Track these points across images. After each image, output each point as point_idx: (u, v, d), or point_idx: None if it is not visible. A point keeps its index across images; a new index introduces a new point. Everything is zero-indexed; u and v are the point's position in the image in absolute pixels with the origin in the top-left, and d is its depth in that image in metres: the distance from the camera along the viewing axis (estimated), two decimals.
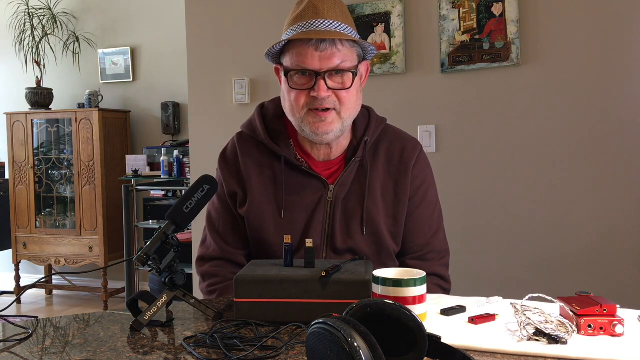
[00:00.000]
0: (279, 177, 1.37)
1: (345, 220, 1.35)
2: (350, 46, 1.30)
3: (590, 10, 2.34)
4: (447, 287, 1.45)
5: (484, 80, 2.50)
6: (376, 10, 2.64)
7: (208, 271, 1.43)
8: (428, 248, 1.41)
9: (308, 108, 1.30)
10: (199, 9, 3.01)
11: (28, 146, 5.01)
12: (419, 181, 1.41)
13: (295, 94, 1.30)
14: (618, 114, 2.32)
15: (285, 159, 1.36)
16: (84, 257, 4.83)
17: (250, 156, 1.40)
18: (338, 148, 1.39)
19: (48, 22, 5.08)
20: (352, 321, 0.72)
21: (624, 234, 2.32)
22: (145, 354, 0.93)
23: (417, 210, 1.40)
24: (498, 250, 2.50)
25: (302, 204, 1.35)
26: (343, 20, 1.30)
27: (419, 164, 1.42)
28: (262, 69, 2.85)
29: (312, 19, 1.27)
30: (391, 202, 1.37)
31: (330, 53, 1.26)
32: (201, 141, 3.03)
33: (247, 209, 1.37)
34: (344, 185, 1.36)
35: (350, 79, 1.29)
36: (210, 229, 1.46)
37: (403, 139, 1.44)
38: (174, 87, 4.87)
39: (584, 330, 0.94)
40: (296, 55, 1.27)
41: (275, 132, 1.40)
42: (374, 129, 1.41)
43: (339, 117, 1.30)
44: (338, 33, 1.27)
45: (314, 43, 1.25)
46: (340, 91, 1.29)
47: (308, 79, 1.28)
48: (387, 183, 1.38)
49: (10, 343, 1.00)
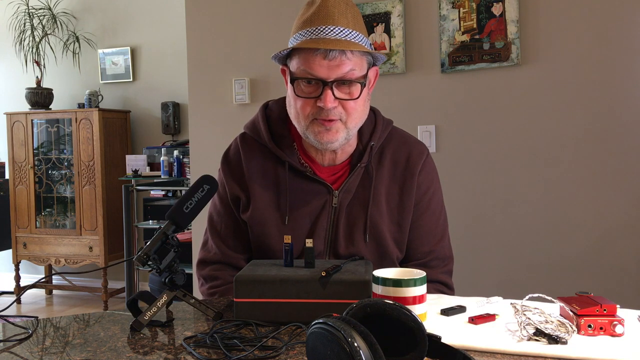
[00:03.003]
0: (282, 183, 1.35)
1: (349, 227, 1.34)
2: (361, 54, 1.25)
3: (590, 10, 2.34)
4: (450, 294, 1.42)
5: (484, 80, 2.50)
6: (376, 10, 2.64)
7: (209, 274, 1.42)
8: (432, 255, 1.40)
9: (313, 117, 1.26)
10: (199, 9, 3.01)
11: (28, 146, 5.01)
12: (424, 187, 1.39)
13: (302, 102, 1.26)
14: (618, 114, 2.32)
15: (290, 164, 1.34)
16: (84, 257, 4.83)
17: (254, 160, 1.38)
18: (343, 153, 1.36)
19: (48, 22, 5.08)
20: (352, 321, 0.72)
21: (624, 234, 2.32)
22: (145, 354, 0.93)
23: (422, 217, 1.38)
24: (498, 250, 2.50)
25: (306, 210, 1.33)
26: (354, 27, 1.25)
27: (424, 170, 1.39)
28: (262, 69, 2.85)
29: (322, 25, 1.23)
30: (396, 209, 1.35)
31: (339, 62, 1.21)
32: (201, 141, 3.03)
33: (250, 215, 1.35)
34: (349, 191, 1.34)
35: (358, 90, 1.25)
36: (211, 232, 1.44)
37: (409, 144, 1.41)
38: (174, 87, 4.87)
39: (584, 330, 0.94)
40: (303, 62, 1.23)
41: (279, 136, 1.38)
42: (380, 133, 1.38)
43: (345, 126, 1.27)
44: (348, 42, 1.23)
45: (322, 51, 1.21)
46: (347, 101, 1.25)
47: (315, 87, 1.24)
48: (392, 189, 1.36)
49: (10, 343, 1.00)
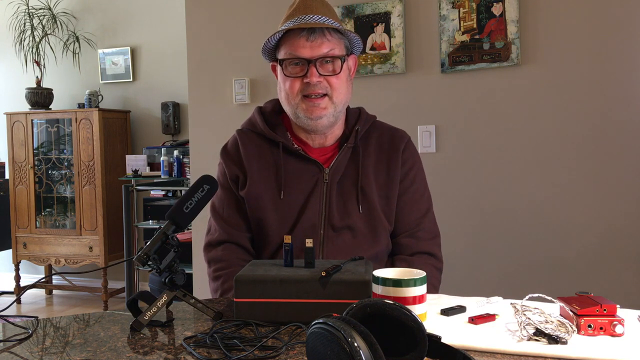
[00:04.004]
0: (277, 162, 1.45)
1: (342, 200, 1.44)
2: (339, 38, 1.41)
3: (590, 11, 2.34)
4: (439, 265, 1.51)
5: (484, 80, 2.50)
6: (376, 10, 2.64)
7: (214, 256, 1.48)
8: (419, 227, 1.49)
9: (302, 95, 1.40)
10: (199, 9, 3.01)
11: (28, 146, 5.01)
12: (409, 164, 1.50)
13: (290, 81, 1.41)
14: (618, 114, 2.32)
15: (283, 145, 1.45)
16: (84, 257, 4.82)
17: (250, 145, 1.49)
18: (332, 136, 1.49)
19: (48, 22, 5.08)
20: (352, 321, 0.72)
21: (624, 234, 2.32)
22: (145, 354, 0.93)
23: (407, 191, 1.49)
24: (498, 250, 2.50)
25: (300, 186, 1.44)
26: (330, 16, 1.41)
27: (408, 150, 1.51)
28: (262, 69, 2.85)
29: (302, 15, 1.39)
30: (383, 183, 1.46)
31: (320, 42, 1.38)
32: (201, 141, 3.03)
33: (247, 190, 1.45)
34: (339, 169, 1.45)
35: (339, 65, 1.40)
36: (214, 217, 1.52)
37: (392, 129, 1.55)
38: (174, 87, 4.87)
39: (584, 330, 0.94)
40: (289, 46, 1.39)
41: (272, 124, 1.50)
42: (365, 120, 1.51)
43: (332, 102, 1.40)
44: (327, 24, 1.38)
45: (305, 34, 1.37)
46: (330, 77, 1.40)
47: (301, 67, 1.40)
48: (378, 166, 1.47)
49: (10, 343, 1.00)
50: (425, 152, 2.55)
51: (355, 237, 1.42)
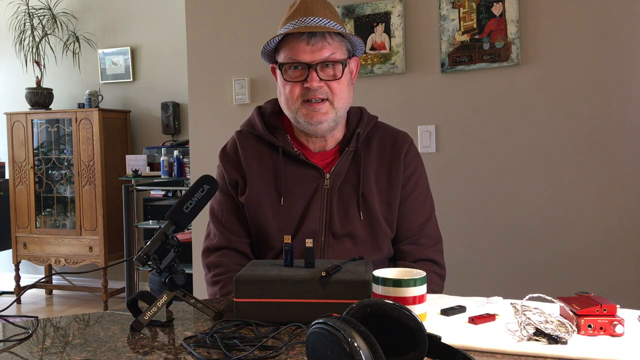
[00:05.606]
0: (277, 167, 1.43)
1: (343, 206, 1.41)
2: (340, 40, 1.38)
3: (590, 10, 2.34)
4: (442, 272, 1.48)
5: (484, 80, 2.50)
6: (376, 10, 2.64)
7: (213, 262, 1.46)
8: (421, 233, 1.46)
9: (302, 99, 1.36)
10: (199, 9, 3.01)
11: (28, 146, 5.01)
12: (411, 169, 1.47)
13: (290, 86, 1.37)
14: (618, 114, 2.32)
15: (283, 149, 1.42)
16: (84, 257, 4.82)
17: (250, 148, 1.46)
18: (332, 140, 1.45)
19: (48, 22, 5.08)
20: (352, 321, 0.72)
21: (624, 234, 2.32)
22: (145, 354, 0.93)
23: (409, 197, 1.46)
24: (498, 250, 2.50)
25: (300, 191, 1.41)
26: (332, 18, 1.37)
27: (410, 154, 1.48)
28: (262, 69, 2.85)
29: (303, 17, 1.35)
30: (385, 189, 1.43)
31: (321, 46, 1.34)
32: (201, 141, 3.03)
33: (247, 196, 1.43)
34: (340, 174, 1.42)
35: (340, 70, 1.37)
36: (213, 222, 1.49)
37: (394, 132, 1.51)
38: (174, 87, 4.87)
39: (584, 330, 0.94)
40: (289, 50, 1.35)
41: (272, 127, 1.47)
42: (366, 123, 1.47)
43: (332, 107, 1.37)
44: (327, 28, 1.35)
45: (305, 38, 1.33)
46: (331, 82, 1.36)
47: (301, 71, 1.36)
48: (380, 171, 1.44)
49: (10, 343, 1.00)
50: (425, 152, 2.55)
51: (356, 244, 1.40)
